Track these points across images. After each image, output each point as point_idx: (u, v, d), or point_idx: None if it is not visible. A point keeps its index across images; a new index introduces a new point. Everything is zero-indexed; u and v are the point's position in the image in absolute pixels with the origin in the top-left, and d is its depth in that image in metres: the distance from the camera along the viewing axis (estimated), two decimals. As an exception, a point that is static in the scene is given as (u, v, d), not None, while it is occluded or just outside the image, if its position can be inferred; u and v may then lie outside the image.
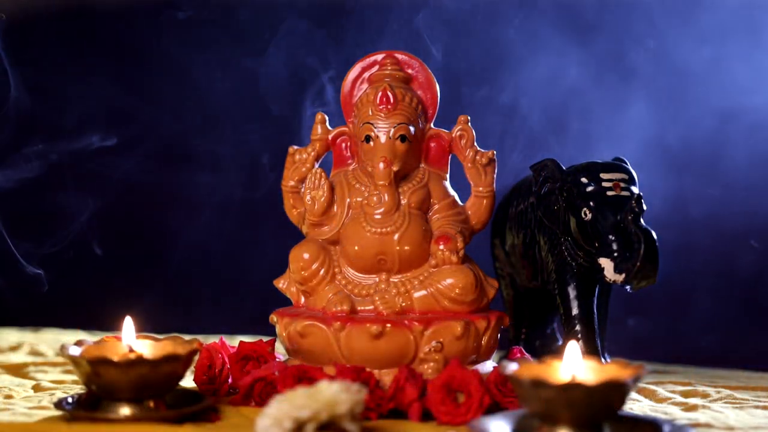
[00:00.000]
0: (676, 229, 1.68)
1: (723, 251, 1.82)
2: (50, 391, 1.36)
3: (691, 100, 1.83)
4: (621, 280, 1.26)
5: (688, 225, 1.80)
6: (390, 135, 1.27)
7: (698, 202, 1.81)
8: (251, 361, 1.32)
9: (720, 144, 1.82)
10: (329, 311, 1.25)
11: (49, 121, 1.83)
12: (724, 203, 1.81)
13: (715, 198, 1.81)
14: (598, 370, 1.07)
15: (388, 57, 1.32)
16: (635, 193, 1.28)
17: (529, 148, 1.72)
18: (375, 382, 1.19)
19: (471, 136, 1.31)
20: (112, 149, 1.82)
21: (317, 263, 1.28)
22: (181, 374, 1.16)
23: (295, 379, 1.20)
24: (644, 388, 1.38)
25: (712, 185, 1.82)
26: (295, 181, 1.33)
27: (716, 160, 1.83)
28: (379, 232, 1.26)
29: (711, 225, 1.81)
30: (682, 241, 1.70)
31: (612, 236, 1.26)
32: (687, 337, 1.83)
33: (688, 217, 1.81)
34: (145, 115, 1.90)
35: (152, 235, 2.04)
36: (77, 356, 1.14)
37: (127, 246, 2.02)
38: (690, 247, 1.79)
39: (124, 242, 2.02)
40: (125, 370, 1.11)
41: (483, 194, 1.31)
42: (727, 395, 1.34)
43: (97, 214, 1.83)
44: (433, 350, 1.22)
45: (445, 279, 1.25)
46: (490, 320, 1.26)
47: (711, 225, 1.81)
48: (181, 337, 1.22)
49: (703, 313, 1.83)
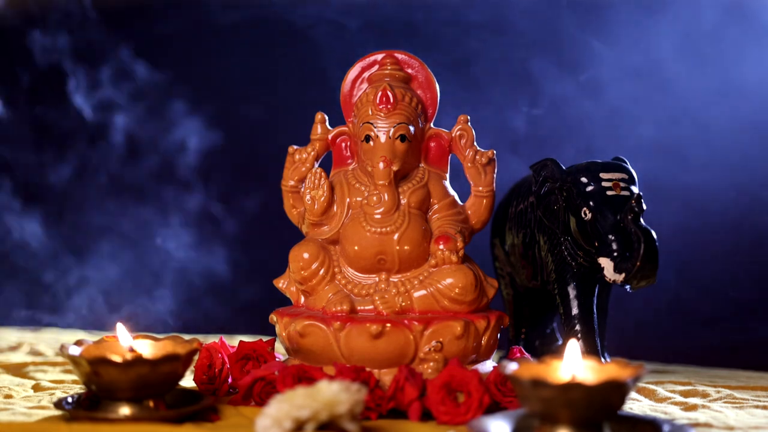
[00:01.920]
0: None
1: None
2: (50, 391, 1.36)
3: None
4: (621, 279, 1.26)
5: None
6: (390, 135, 1.27)
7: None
8: (251, 360, 1.32)
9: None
10: (329, 311, 1.26)
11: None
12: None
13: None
14: (598, 370, 1.07)
15: (388, 56, 1.32)
16: (635, 193, 1.28)
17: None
18: (375, 382, 1.19)
19: (471, 136, 1.31)
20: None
21: (317, 263, 1.28)
22: (180, 374, 1.16)
23: (294, 378, 1.20)
24: (644, 387, 1.38)
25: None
26: (295, 181, 1.33)
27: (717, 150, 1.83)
28: (378, 231, 1.26)
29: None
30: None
31: (612, 236, 1.26)
32: (687, 335, 1.83)
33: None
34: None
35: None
36: (77, 356, 1.13)
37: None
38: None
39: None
40: (125, 369, 1.11)
41: (483, 194, 1.31)
42: (727, 395, 1.34)
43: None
44: (433, 350, 1.22)
45: (444, 279, 1.25)
46: (490, 320, 1.26)
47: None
48: (180, 336, 1.21)
49: (703, 311, 1.83)
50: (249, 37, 2.01)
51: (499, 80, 1.87)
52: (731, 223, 1.81)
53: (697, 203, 1.82)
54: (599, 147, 1.74)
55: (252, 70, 2.02)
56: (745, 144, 1.81)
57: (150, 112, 1.98)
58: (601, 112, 1.84)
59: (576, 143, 1.87)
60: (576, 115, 1.87)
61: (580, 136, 1.88)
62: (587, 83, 1.84)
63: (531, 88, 1.84)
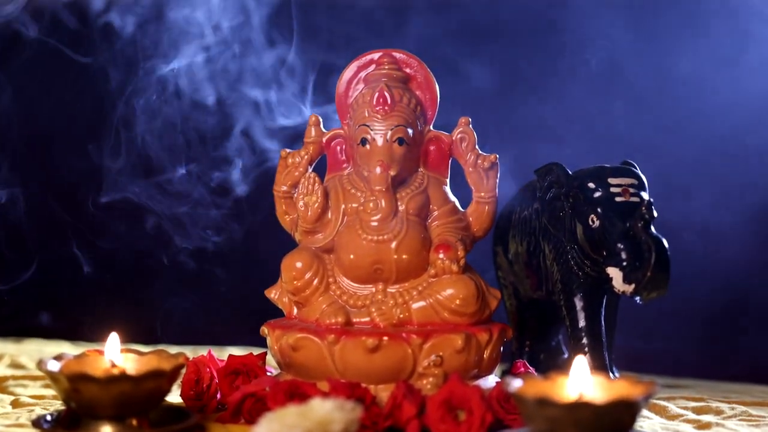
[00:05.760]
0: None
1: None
2: (29, 408, 1.33)
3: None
4: (630, 290, 1.24)
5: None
6: (387, 138, 1.25)
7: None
8: (241, 375, 1.30)
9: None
10: (323, 323, 1.23)
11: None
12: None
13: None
14: (607, 388, 1.05)
15: (385, 55, 1.30)
16: (645, 199, 1.26)
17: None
18: (371, 399, 1.16)
19: (472, 139, 1.29)
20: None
21: (310, 272, 1.25)
22: (165, 390, 1.13)
23: (286, 395, 1.18)
24: (655, 404, 1.36)
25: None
26: (288, 186, 1.31)
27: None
28: (375, 239, 1.24)
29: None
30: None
31: (621, 244, 1.24)
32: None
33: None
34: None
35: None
36: (56, 372, 1.11)
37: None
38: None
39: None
40: (106, 386, 1.08)
41: (485, 200, 1.29)
42: (742, 411, 1.32)
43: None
44: (433, 364, 1.19)
45: (445, 289, 1.23)
46: (493, 333, 1.23)
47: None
48: (166, 351, 1.19)
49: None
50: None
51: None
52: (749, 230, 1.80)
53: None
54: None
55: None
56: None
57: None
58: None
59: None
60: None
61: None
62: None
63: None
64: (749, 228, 1.78)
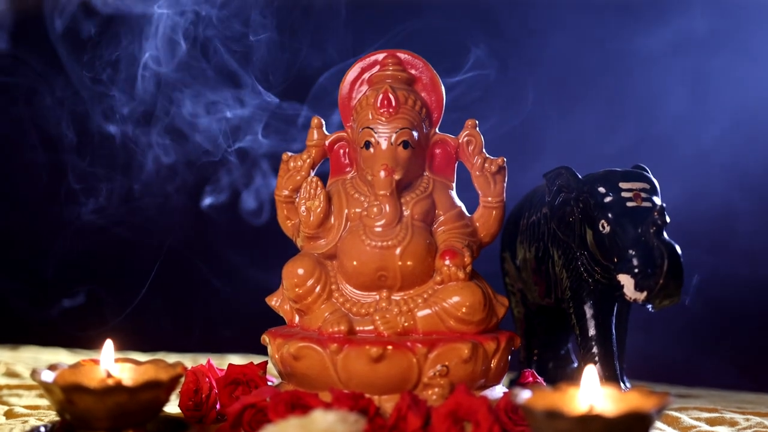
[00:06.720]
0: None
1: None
2: (23, 418, 1.32)
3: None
4: (642, 298, 1.22)
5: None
6: (391, 141, 1.24)
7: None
8: (241, 385, 1.30)
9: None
10: (325, 332, 1.22)
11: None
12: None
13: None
14: (618, 399, 1.03)
15: (389, 56, 1.29)
16: (657, 204, 1.24)
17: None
18: (375, 410, 1.16)
19: (479, 142, 1.28)
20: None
21: (312, 279, 1.25)
22: (163, 401, 1.11)
23: (287, 406, 1.17)
24: (667, 414, 1.35)
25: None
26: (290, 191, 1.30)
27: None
28: (379, 245, 1.23)
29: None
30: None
31: (632, 251, 1.22)
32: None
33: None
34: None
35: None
36: (49, 383, 1.09)
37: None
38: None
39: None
40: (101, 397, 1.06)
41: (492, 204, 1.28)
42: (757, 423, 1.31)
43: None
44: (438, 374, 1.18)
45: (451, 297, 1.22)
46: (500, 341, 1.22)
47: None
48: (164, 360, 1.17)
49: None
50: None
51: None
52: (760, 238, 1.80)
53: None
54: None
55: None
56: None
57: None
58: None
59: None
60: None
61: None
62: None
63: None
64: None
